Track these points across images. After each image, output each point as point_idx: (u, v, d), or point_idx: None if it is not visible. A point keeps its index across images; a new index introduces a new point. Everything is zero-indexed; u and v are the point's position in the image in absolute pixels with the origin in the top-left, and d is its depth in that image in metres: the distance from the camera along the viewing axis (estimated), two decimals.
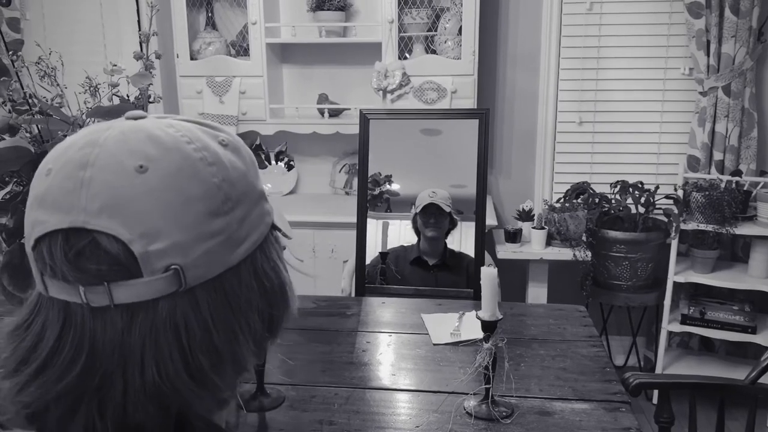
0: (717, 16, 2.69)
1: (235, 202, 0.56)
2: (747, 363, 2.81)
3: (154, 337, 0.52)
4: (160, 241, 0.52)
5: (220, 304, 0.55)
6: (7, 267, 1.13)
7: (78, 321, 0.53)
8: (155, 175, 0.52)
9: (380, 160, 2.33)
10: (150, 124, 0.56)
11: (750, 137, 2.80)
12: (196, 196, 0.53)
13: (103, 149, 0.53)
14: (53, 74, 1.25)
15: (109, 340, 0.52)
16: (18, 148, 1.09)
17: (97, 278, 0.52)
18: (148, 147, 0.53)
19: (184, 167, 0.54)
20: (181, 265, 0.52)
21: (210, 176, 0.55)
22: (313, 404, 1.38)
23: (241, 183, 0.57)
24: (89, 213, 0.51)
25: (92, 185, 0.52)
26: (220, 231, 0.55)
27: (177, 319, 0.53)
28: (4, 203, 1.14)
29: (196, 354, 0.53)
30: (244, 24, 3.01)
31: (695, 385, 1.71)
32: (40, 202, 0.54)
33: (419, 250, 2.27)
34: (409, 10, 2.85)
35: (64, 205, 0.52)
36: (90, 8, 3.22)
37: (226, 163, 0.56)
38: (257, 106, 2.96)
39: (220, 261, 0.55)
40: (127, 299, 0.52)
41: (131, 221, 0.51)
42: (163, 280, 0.52)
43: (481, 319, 1.32)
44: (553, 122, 3.07)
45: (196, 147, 0.55)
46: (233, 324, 0.56)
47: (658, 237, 2.76)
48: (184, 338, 0.53)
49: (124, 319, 0.52)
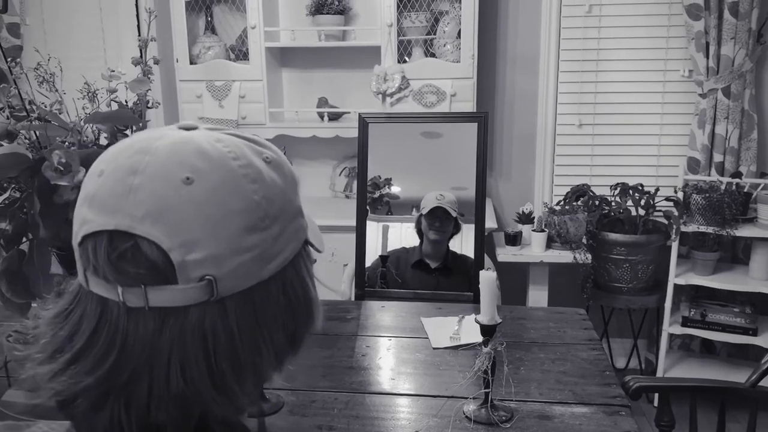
0: (716, 18, 2.69)
1: (272, 219, 0.58)
2: (748, 365, 2.81)
3: (182, 341, 0.55)
4: (197, 252, 0.54)
5: (247, 316, 0.57)
6: (6, 273, 1.13)
7: (113, 318, 0.56)
8: (200, 187, 0.55)
9: (380, 164, 2.33)
10: (200, 136, 0.58)
11: (750, 139, 2.80)
12: (236, 211, 0.56)
13: (154, 158, 0.56)
14: (52, 80, 1.26)
15: (140, 340, 0.55)
16: (16, 155, 1.09)
17: (135, 281, 0.54)
18: (196, 160, 0.56)
19: (228, 182, 0.56)
20: (215, 276, 0.55)
21: (251, 193, 0.57)
22: (313, 409, 1.38)
23: (279, 200, 0.59)
24: (134, 218, 0.54)
25: (140, 192, 0.54)
26: (255, 246, 0.57)
27: (205, 327, 0.55)
28: (3, 209, 1.14)
29: (220, 362, 0.56)
30: (244, 28, 3.01)
31: (695, 388, 1.70)
32: (90, 201, 0.57)
33: (421, 252, 2.26)
34: (408, 13, 2.85)
35: (111, 207, 0.55)
36: (90, 13, 3.23)
37: (267, 181, 0.59)
38: (257, 110, 2.96)
39: (251, 274, 0.57)
40: (161, 303, 0.55)
41: (173, 230, 0.54)
42: (197, 289, 0.55)
43: (480, 323, 1.32)
44: (552, 124, 3.07)
45: (241, 164, 0.57)
46: (258, 337, 0.58)
47: (659, 239, 2.75)
48: (210, 345, 0.55)
49: (156, 321, 0.55)
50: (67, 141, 1.14)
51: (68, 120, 1.21)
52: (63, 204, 1.05)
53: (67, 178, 1.03)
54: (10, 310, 1.16)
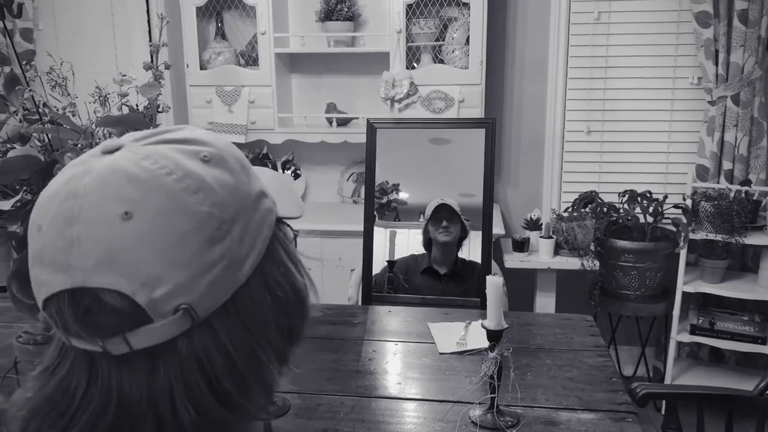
0: (725, 26, 2.69)
1: (230, 222, 0.54)
2: (757, 374, 2.79)
3: (180, 376, 0.52)
4: (162, 287, 0.51)
5: (236, 327, 0.55)
6: (17, 274, 1.14)
7: (103, 370, 0.53)
8: (141, 219, 0.51)
9: (388, 169, 2.33)
10: (125, 160, 0.53)
11: (759, 146, 2.79)
12: (188, 231, 0.52)
13: (85, 200, 0.52)
14: (64, 84, 1.27)
15: (136, 386, 0.52)
16: (28, 157, 1.11)
17: (110, 332, 0.52)
18: (128, 190, 0.51)
19: (169, 204, 0.52)
20: (189, 303, 0.52)
21: (197, 205, 0.53)
22: (319, 413, 1.38)
23: (232, 199, 0.55)
24: (86, 271, 0.51)
25: (82, 242, 0.51)
26: (221, 257, 0.53)
27: (198, 353, 0.53)
28: (14, 211, 1.15)
29: (223, 383, 0.54)
30: (254, 34, 3.03)
31: (703, 395, 1.69)
32: (39, 260, 0.53)
33: (430, 259, 2.27)
34: (417, 20, 2.87)
35: (61, 264, 0.52)
36: (102, 18, 3.26)
37: (212, 185, 0.54)
38: (266, 116, 2.98)
39: (227, 285, 0.54)
40: (145, 344, 0.52)
41: (129, 272, 0.51)
42: (175, 321, 0.52)
43: (487, 329, 1.32)
44: (561, 131, 3.07)
45: (177, 177, 0.53)
46: (253, 345, 0.56)
47: (667, 246, 2.75)
48: (209, 370, 0.53)
49: (147, 364, 0.52)
50: (79, 144, 1.16)
51: (80, 123, 1.23)
52: None
53: None
54: (20, 311, 1.17)
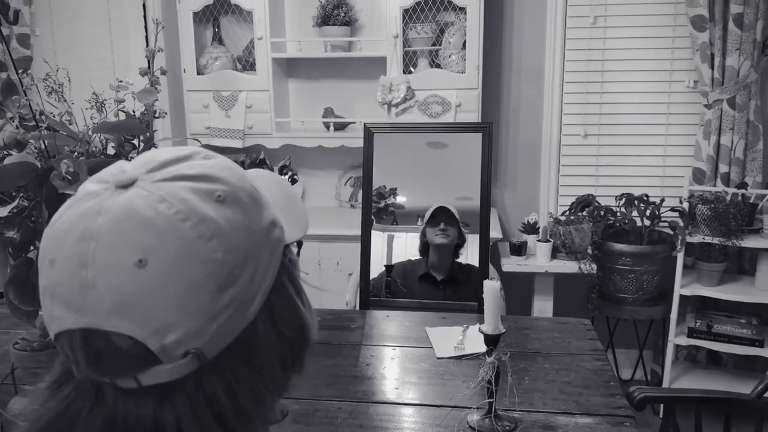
0: (721, 29, 2.70)
1: (241, 266, 0.55)
2: (755, 376, 2.78)
3: (190, 409, 0.53)
4: (173, 333, 0.52)
5: (241, 365, 0.56)
6: (14, 281, 1.14)
7: (110, 399, 0.54)
8: (156, 268, 0.51)
9: (385, 174, 2.34)
10: (142, 202, 0.53)
11: (755, 150, 2.80)
12: (201, 279, 0.52)
13: (99, 244, 0.52)
14: (61, 90, 1.27)
15: (143, 416, 0.53)
16: (25, 164, 1.11)
17: (120, 372, 0.53)
18: (144, 236, 0.52)
19: (184, 251, 0.52)
20: (199, 347, 0.53)
21: (212, 252, 0.53)
22: (317, 418, 1.38)
23: (245, 241, 0.55)
24: (99, 315, 0.52)
25: (96, 287, 0.52)
26: (231, 302, 0.54)
27: (205, 390, 0.54)
28: (11, 218, 1.15)
29: (231, 421, 0.55)
30: (251, 39, 3.04)
31: (700, 399, 1.70)
32: (52, 295, 0.54)
33: (427, 265, 2.27)
34: (413, 24, 2.87)
35: (75, 304, 0.53)
36: (99, 24, 3.26)
37: (226, 229, 0.54)
38: (263, 120, 2.98)
39: (235, 326, 0.55)
40: (153, 381, 0.53)
41: (141, 320, 0.51)
42: (184, 365, 0.53)
43: (484, 333, 1.32)
44: (557, 135, 3.08)
45: (193, 223, 0.53)
46: (257, 383, 0.57)
47: (664, 250, 2.75)
48: (216, 406, 0.54)
49: (155, 397, 0.53)
50: (76, 150, 1.16)
51: (77, 130, 1.23)
52: None
53: (74, 187, 1.04)
54: (17, 317, 1.17)
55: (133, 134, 1.26)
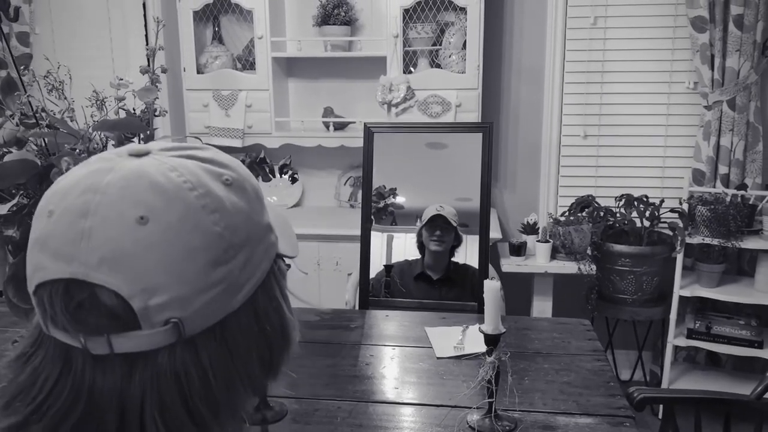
0: (721, 31, 2.70)
1: (237, 248, 0.55)
2: (754, 378, 2.79)
3: (154, 385, 0.52)
4: (159, 296, 0.51)
5: (219, 352, 0.55)
6: (13, 279, 1.13)
7: (78, 366, 0.53)
8: (156, 227, 0.51)
9: (385, 174, 2.34)
10: (153, 167, 0.54)
11: (755, 151, 2.80)
12: (198, 248, 0.53)
13: (105, 197, 0.52)
14: (61, 88, 1.27)
15: (108, 388, 0.52)
16: (25, 161, 1.10)
17: (96, 330, 0.52)
18: (150, 196, 0.52)
19: (186, 218, 0.52)
20: (180, 318, 0.52)
21: (212, 225, 0.53)
22: (317, 417, 1.38)
23: (244, 226, 0.56)
24: (89, 266, 0.51)
25: (93, 237, 0.51)
26: (221, 280, 0.54)
27: (177, 369, 0.53)
28: (11, 216, 1.14)
29: (196, 402, 0.53)
30: (251, 38, 3.03)
31: (700, 400, 1.69)
32: (42, 245, 0.53)
33: (423, 265, 2.27)
34: (414, 24, 2.87)
35: (65, 254, 0.51)
36: (98, 22, 3.26)
37: (228, 208, 0.55)
38: (263, 120, 2.98)
39: (220, 309, 0.54)
40: (126, 349, 0.52)
41: (132, 276, 0.51)
42: (162, 333, 0.52)
43: (484, 333, 1.32)
44: (557, 136, 3.08)
45: (199, 194, 0.53)
46: (233, 374, 0.56)
47: (664, 251, 2.75)
48: (185, 387, 0.53)
49: (123, 368, 0.52)
50: (77, 148, 1.15)
51: (77, 127, 1.22)
52: None
53: None
54: (16, 315, 1.16)
55: (133, 132, 1.26)
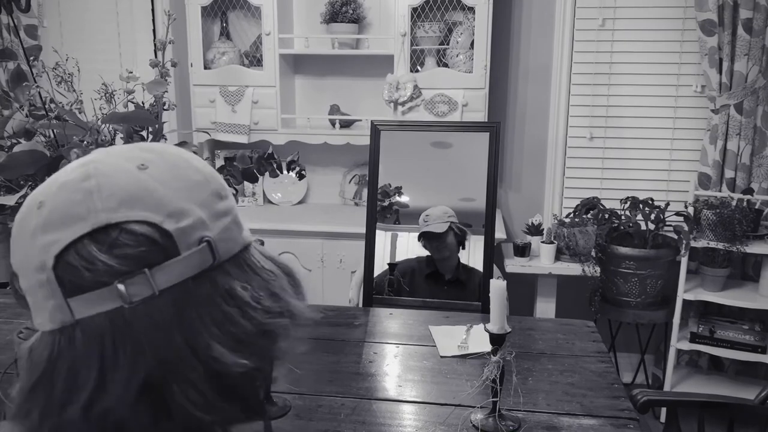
0: (730, 34, 2.69)
1: (226, 192, 0.61)
2: (757, 383, 2.78)
3: (211, 306, 0.54)
4: (186, 218, 0.54)
5: (248, 277, 0.58)
6: None
7: (120, 325, 0.51)
8: (157, 169, 0.56)
9: (390, 172, 2.33)
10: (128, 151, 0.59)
11: (762, 156, 2.79)
12: (200, 182, 0.58)
13: (99, 163, 0.55)
14: (70, 80, 1.27)
15: (164, 330, 0.52)
16: (34, 152, 1.11)
17: (137, 263, 0.51)
18: (142, 152, 0.57)
19: (181, 161, 0.58)
20: (211, 237, 0.55)
21: (203, 167, 0.60)
22: (319, 414, 1.38)
23: (225, 186, 0.62)
24: (110, 210, 0.52)
25: (102, 189, 0.53)
26: (228, 211, 0.59)
27: (224, 288, 0.55)
28: (18, 207, 1.14)
29: (249, 313, 0.56)
30: (258, 35, 3.03)
31: (704, 403, 1.69)
32: (44, 227, 0.52)
33: (435, 264, 2.27)
34: (421, 23, 2.87)
35: (78, 213, 0.52)
36: (106, 17, 3.26)
37: (213, 171, 0.62)
38: (269, 116, 2.98)
39: (235, 239, 0.59)
40: (168, 282, 0.52)
41: (154, 207, 0.53)
42: (199, 254, 0.54)
43: (490, 332, 1.32)
44: (563, 137, 3.07)
45: (187, 151, 0.61)
46: (270, 287, 0.60)
47: (668, 254, 2.74)
48: (239, 302, 0.56)
49: (170, 307, 0.52)
50: (85, 140, 1.16)
51: (85, 120, 1.22)
52: None
53: None
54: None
55: (142, 126, 1.26)
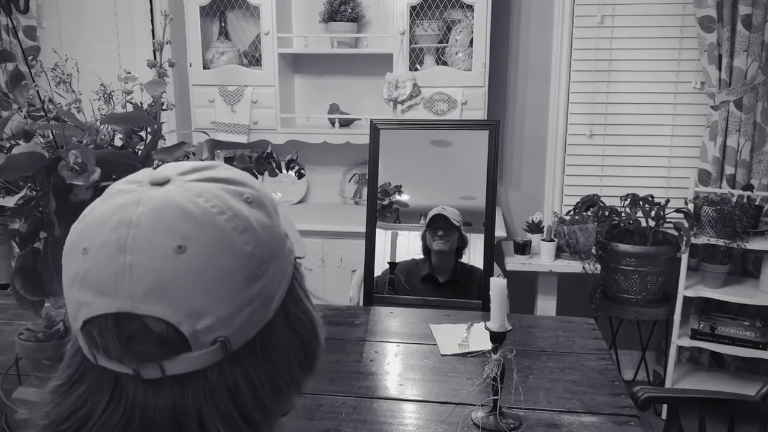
0: (729, 31, 2.69)
1: (267, 262, 0.58)
2: (758, 379, 2.78)
3: (210, 400, 0.55)
4: (205, 319, 0.54)
5: (262, 361, 0.58)
6: (20, 271, 1.14)
7: (129, 391, 0.55)
8: (193, 254, 0.54)
9: (390, 171, 2.33)
10: (179, 195, 0.56)
11: (762, 152, 2.79)
12: (234, 269, 0.55)
13: (139, 230, 0.54)
14: (69, 81, 1.27)
15: (160, 408, 0.54)
16: (32, 154, 1.10)
17: (149, 358, 0.54)
18: (183, 224, 0.54)
19: (220, 241, 0.55)
20: (227, 336, 0.55)
21: (243, 245, 0.56)
22: (321, 413, 1.38)
23: (269, 241, 0.58)
24: (135, 298, 0.53)
25: (134, 271, 0.53)
26: (257, 295, 0.57)
27: (228, 383, 0.56)
28: (18, 208, 1.15)
29: (249, 411, 0.57)
30: (257, 34, 3.03)
31: (705, 400, 1.69)
32: (81, 282, 0.55)
33: (431, 267, 2.26)
34: (420, 21, 2.87)
35: (108, 289, 0.53)
36: (105, 17, 3.26)
37: (255, 226, 0.57)
38: (269, 116, 2.98)
39: (258, 320, 0.57)
40: (178, 371, 0.54)
41: (176, 303, 0.53)
42: (211, 353, 0.55)
43: (490, 330, 1.32)
44: (563, 134, 3.07)
45: (228, 217, 0.56)
46: (277, 379, 0.59)
47: (669, 251, 2.74)
48: (237, 399, 0.56)
49: (175, 388, 0.55)
50: (84, 141, 1.15)
51: (84, 120, 1.22)
52: (78, 203, 1.06)
53: (82, 178, 1.04)
54: (24, 307, 1.16)
55: (141, 126, 1.26)
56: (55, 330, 1.29)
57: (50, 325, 1.30)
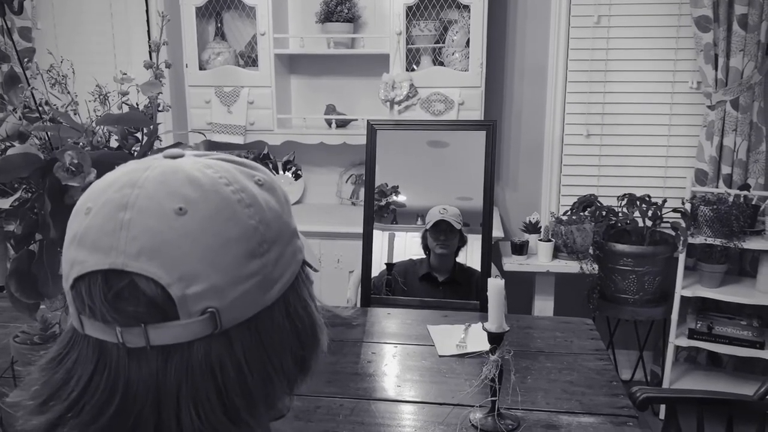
0: (725, 30, 2.69)
1: (270, 243, 0.56)
2: (755, 379, 2.79)
3: (190, 378, 0.53)
4: (197, 285, 0.52)
5: (254, 345, 0.56)
6: (15, 274, 1.13)
7: (113, 361, 0.53)
8: (194, 217, 0.53)
9: (387, 171, 2.33)
10: (189, 164, 0.56)
11: (758, 151, 2.79)
12: (234, 239, 0.54)
13: (143, 190, 0.53)
14: (64, 82, 1.26)
15: (143, 381, 0.53)
16: (27, 155, 1.10)
17: (134, 320, 0.52)
18: (188, 189, 0.54)
19: (223, 209, 0.54)
20: (218, 308, 0.53)
21: (247, 218, 0.55)
22: (318, 415, 1.38)
23: (276, 223, 0.58)
24: (128, 255, 0.52)
25: (132, 227, 0.52)
26: (256, 272, 0.55)
27: (212, 361, 0.53)
28: (13, 210, 1.14)
29: (232, 396, 0.54)
30: (253, 35, 3.03)
31: (703, 400, 1.69)
32: (80, 241, 0.54)
33: (429, 266, 2.26)
34: (417, 22, 2.86)
35: (103, 245, 0.53)
36: (101, 18, 3.25)
37: (262, 204, 0.57)
38: (265, 116, 2.97)
39: (254, 302, 0.55)
40: (163, 341, 0.52)
41: (170, 264, 0.52)
42: (199, 323, 0.53)
43: (488, 331, 1.32)
44: (560, 134, 3.07)
45: (234, 189, 0.55)
46: (267, 365, 0.57)
47: (666, 251, 2.74)
48: (219, 380, 0.53)
49: (159, 361, 0.53)
50: (80, 142, 1.15)
51: (79, 121, 1.22)
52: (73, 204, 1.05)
53: (78, 179, 1.03)
54: (19, 310, 1.15)
55: (137, 127, 1.25)
56: (51, 333, 1.29)
57: (46, 328, 1.29)
